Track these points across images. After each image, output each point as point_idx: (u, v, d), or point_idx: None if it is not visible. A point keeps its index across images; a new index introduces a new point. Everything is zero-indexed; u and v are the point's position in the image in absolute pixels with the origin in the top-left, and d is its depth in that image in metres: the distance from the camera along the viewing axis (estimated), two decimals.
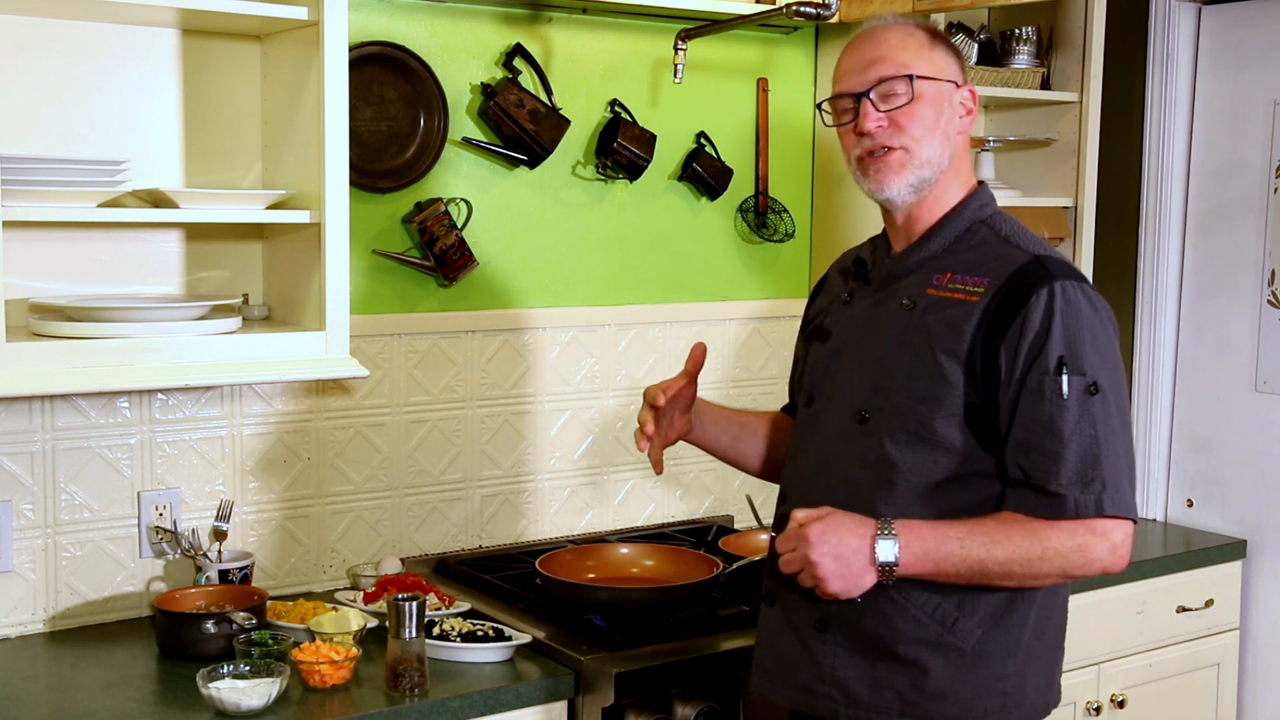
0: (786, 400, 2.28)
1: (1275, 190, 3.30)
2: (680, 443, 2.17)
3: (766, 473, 2.24)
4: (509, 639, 2.31)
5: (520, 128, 2.76)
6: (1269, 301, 3.31)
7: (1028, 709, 1.94)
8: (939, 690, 1.87)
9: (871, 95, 1.90)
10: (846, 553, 1.78)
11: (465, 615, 2.44)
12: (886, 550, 1.78)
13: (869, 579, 1.80)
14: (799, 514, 1.84)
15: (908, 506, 1.85)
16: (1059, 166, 3.40)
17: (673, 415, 2.12)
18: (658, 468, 2.11)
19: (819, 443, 1.97)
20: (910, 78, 1.89)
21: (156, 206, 2.33)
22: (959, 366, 1.82)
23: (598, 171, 2.95)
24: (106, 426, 2.48)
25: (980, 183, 2.00)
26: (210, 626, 2.24)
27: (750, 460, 2.24)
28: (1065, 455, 1.77)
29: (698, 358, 2.09)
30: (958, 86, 1.94)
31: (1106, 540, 1.79)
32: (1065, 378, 1.78)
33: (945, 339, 1.84)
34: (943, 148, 1.92)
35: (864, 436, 1.89)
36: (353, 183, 2.56)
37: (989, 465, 1.85)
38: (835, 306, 2.04)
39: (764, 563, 2.59)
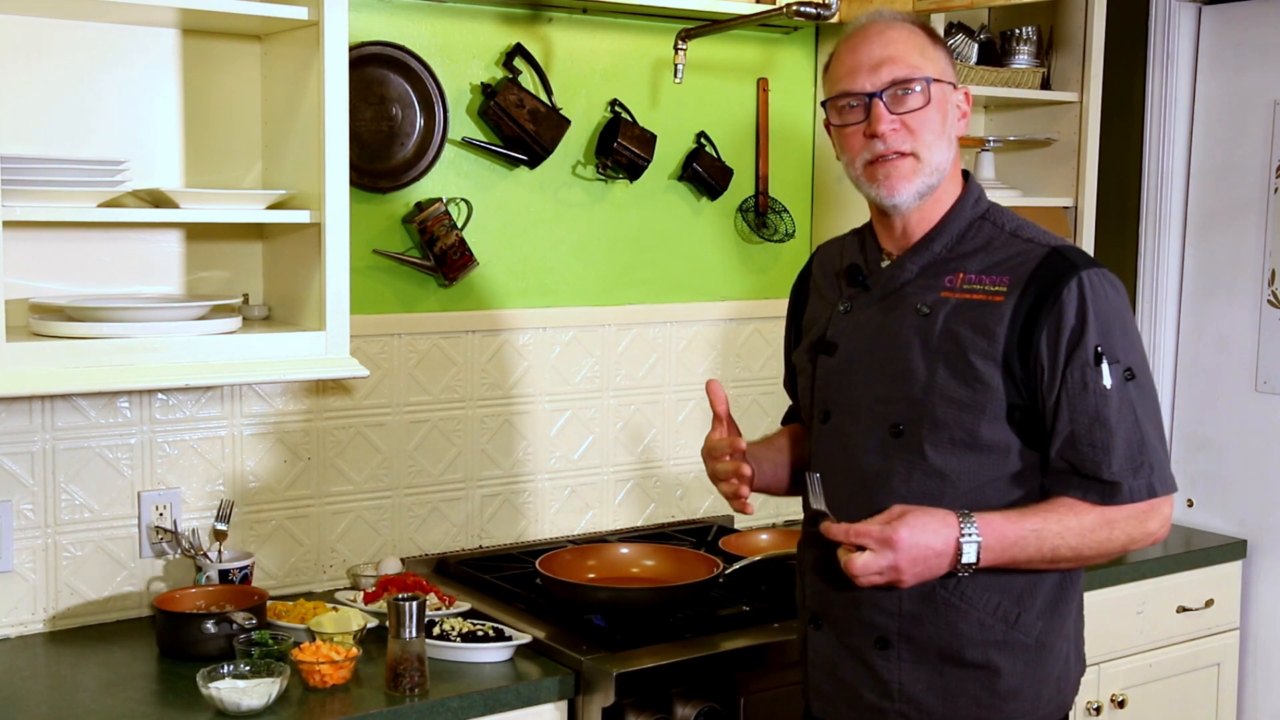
0: (787, 404, 2.26)
1: (1275, 190, 3.30)
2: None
3: (792, 490, 2.21)
4: (509, 639, 2.31)
5: (520, 128, 2.76)
6: (1269, 301, 3.31)
7: (1074, 684, 1.97)
8: (1012, 689, 1.87)
9: (884, 97, 1.86)
10: (931, 555, 1.77)
11: (465, 615, 2.44)
12: (970, 551, 1.78)
13: (942, 573, 1.80)
14: (873, 528, 1.78)
15: (958, 509, 1.83)
16: (1059, 166, 3.40)
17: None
18: (749, 509, 2.05)
19: (849, 459, 1.93)
20: (927, 81, 1.86)
21: (156, 206, 2.33)
22: (997, 369, 1.81)
23: (598, 171, 2.95)
24: (107, 426, 2.48)
25: (965, 174, 1.97)
26: (210, 626, 2.24)
27: (782, 485, 2.19)
28: (1114, 444, 1.79)
29: (722, 397, 2.03)
30: (955, 88, 1.92)
31: (1159, 515, 1.82)
32: (1105, 367, 1.79)
33: (978, 343, 1.82)
34: (948, 152, 1.90)
35: (904, 449, 1.86)
36: (353, 183, 2.56)
37: (1033, 460, 1.85)
38: (835, 316, 1.99)
39: (763, 564, 2.60)
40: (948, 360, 1.83)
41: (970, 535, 1.77)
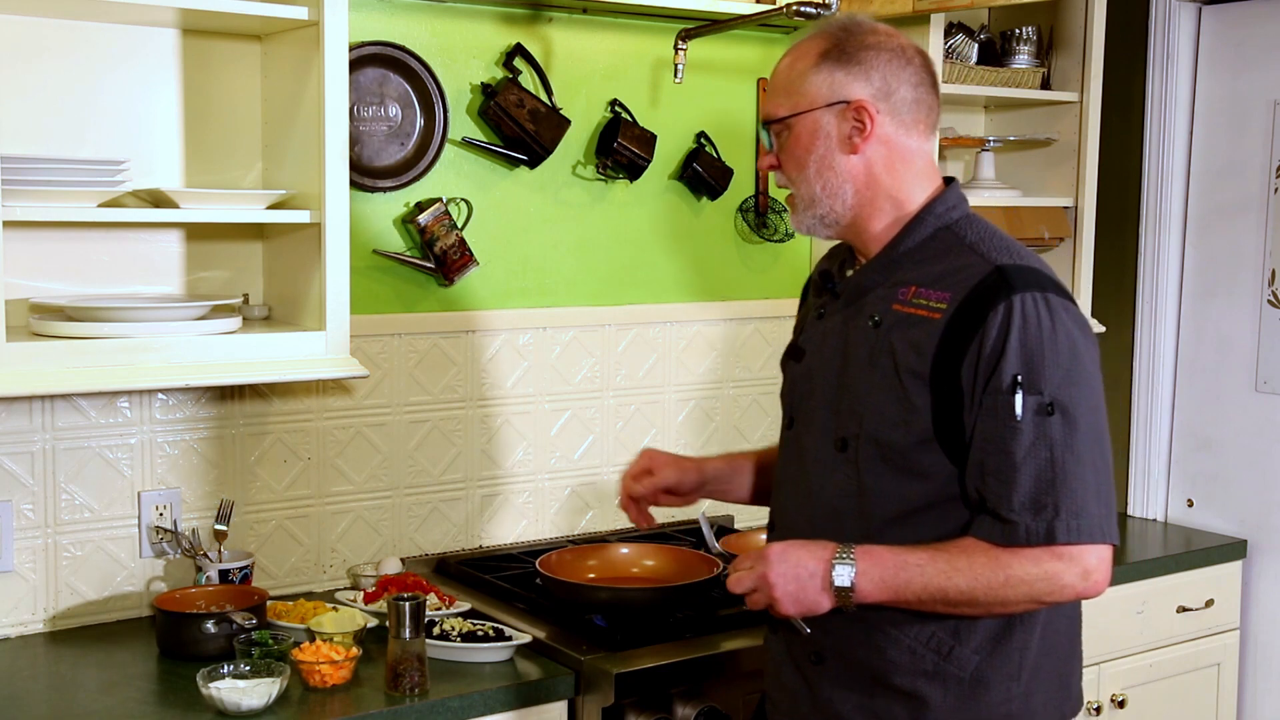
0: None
1: (1275, 190, 3.30)
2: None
3: (755, 500, 2.24)
4: (509, 639, 2.31)
5: (520, 128, 2.76)
6: (1269, 301, 3.31)
7: None
8: None
9: (761, 133, 1.89)
10: (803, 574, 1.74)
11: (465, 615, 2.44)
12: (843, 575, 1.73)
13: (825, 604, 1.75)
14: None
15: (890, 537, 1.78)
16: (1059, 166, 3.40)
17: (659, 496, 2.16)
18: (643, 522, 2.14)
19: (800, 470, 1.91)
20: (783, 120, 1.84)
21: (156, 206, 2.33)
22: (925, 389, 1.74)
23: (598, 171, 2.95)
24: (107, 426, 2.48)
25: (948, 181, 1.89)
26: (210, 626, 2.24)
27: (740, 494, 2.23)
28: (1018, 480, 1.68)
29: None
30: (847, 106, 1.80)
31: (1077, 566, 1.69)
32: (1019, 397, 1.68)
33: (910, 360, 1.76)
34: (824, 180, 1.83)
35: (845, 465, 1.83)
36: (353, 183, 2.56)
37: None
38: (809, 323, 1.97)
39: None
40: (883, 374, 1.78)
41: (845, 558, 1.73)
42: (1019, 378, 1.68)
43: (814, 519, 1.86)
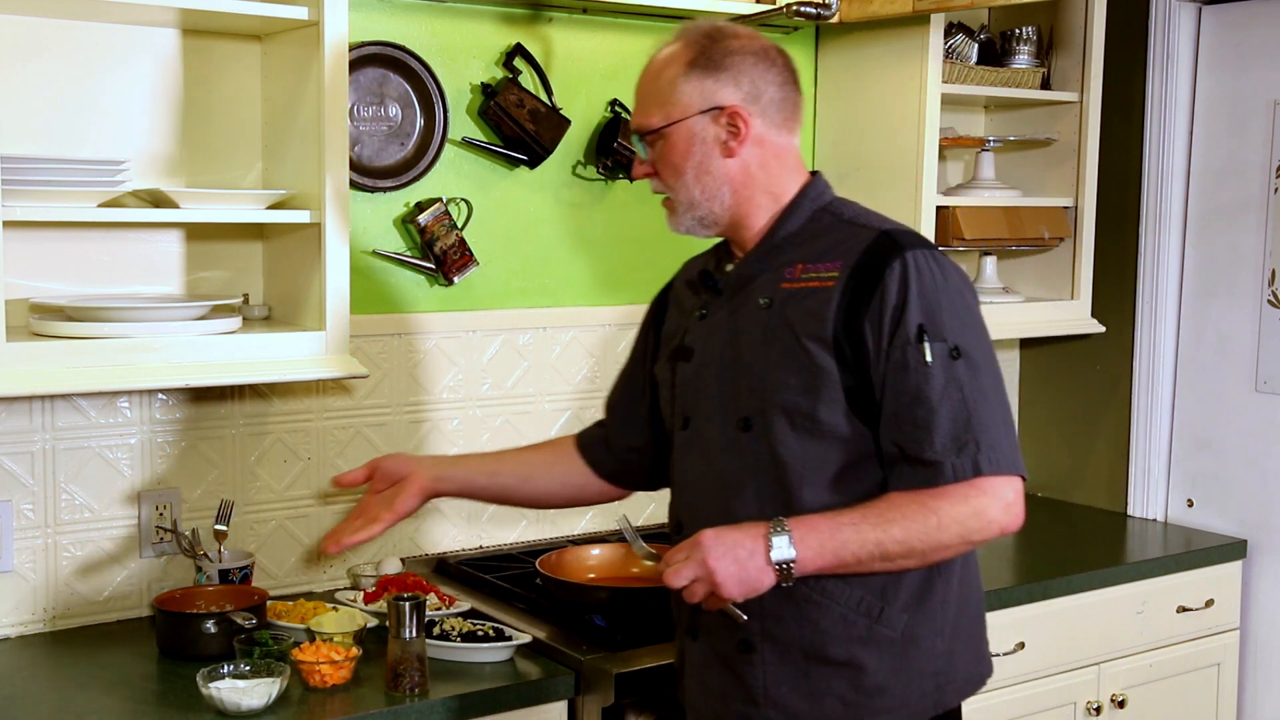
0: (601, 417, 2.26)
1: (1275, 190, 3.30)
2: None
3: (536, 501, 2.26)
4: (509, 639, 2.31)
5: (520, 128, 2.76)
6: (1269, 301, 3.31)
7: (960, 684, 1.91)
8: (878, 685, 1.84)
9: (634, 143, 1.93)
10: (742, 554, 1.74)
11: (465, 615, 2.44)
12: (781, 547, 1.74)
13: (768, 579, 1.75)
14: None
15: (812, 505, 1.81)
16: (1059, 166, 3.40)
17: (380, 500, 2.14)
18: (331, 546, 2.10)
19: (705, 462, 1.92)
20: (655, 131, 1.88)
21: (156, 206, 2.33)
22: (828, 352, 1.80)
23: (598, 171, 2.95)
24: (107, 426, 2.48)
25: (814, 173, 1.96)
26: (210, 626, 2.24)
27: (541, 496, 2.24)
28: (936, 422, 1.75)
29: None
30: (720, 111, 1.85)
31: (999, 500, 1.76)
32: (927, 344, 1.76)
33: (809, 326, 1.81)
34: (703, 184, 1.88)
35: (752, 443, 1.85)
36: (353, 183, 2.56)
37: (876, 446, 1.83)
38: (693, 323, 1.99)
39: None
40: (784, 348, 1.83)
41: (779, 530, 1.75)
42: (923, 326, 1.77)
43: (730, 505, 1.86)
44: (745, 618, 1.81)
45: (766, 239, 1.91)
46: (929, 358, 1.76)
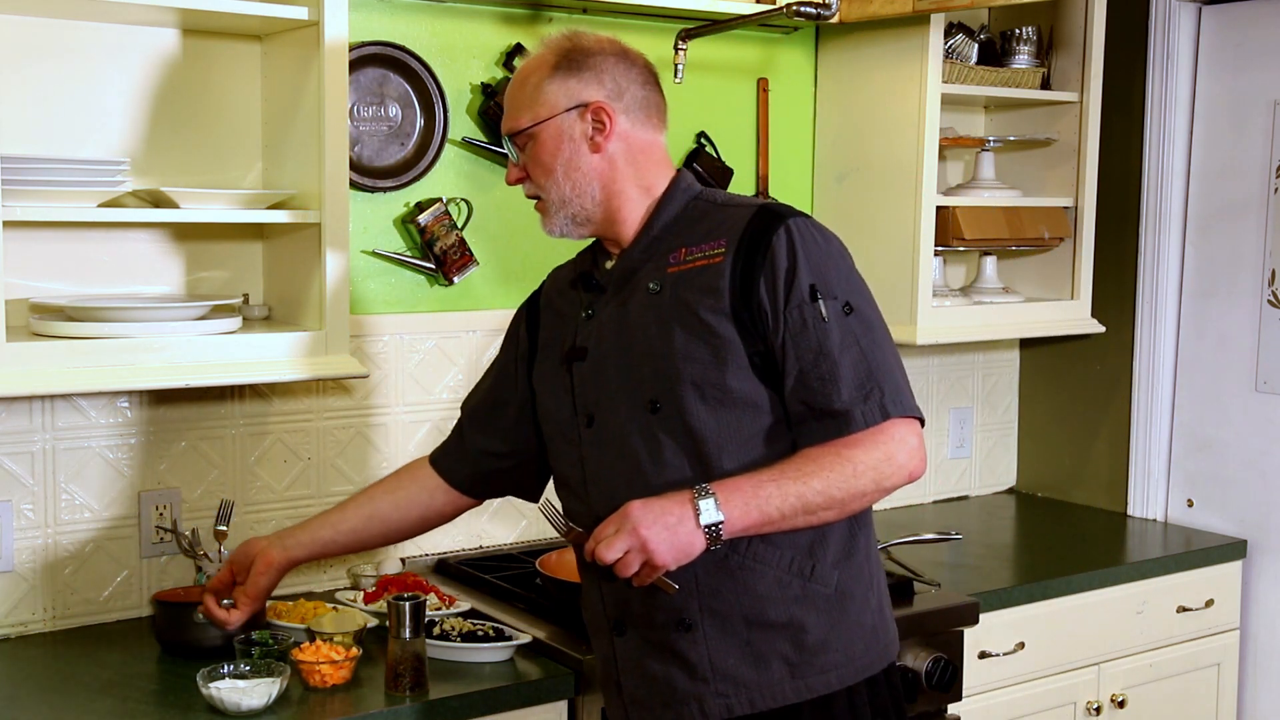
0: (433, 451, 2.26)
1: (1275, 190, 3.30)
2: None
3: (414, 530, 2.24)
4: (509, 639, 2.31)
5: None
6: (1269, 301, 3.31)
7: (890, 639, 1.97)
8: (821, 641, 1.87)
9: (507, 147, 1.99)
10: (671, 520, 1.76)
11: (465, 615, 2.44)
12: (709, 510, 1.76)
13: (698, 544, 1.77)
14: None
15: (734, 473, 1.83)
16: (1059, 166, 3.40)
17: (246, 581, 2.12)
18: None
19: (618, 453, 1.92)
20: (524, 131, 1.94)
21: (156, 206, 2.33)
22: (728, 321, 1.84)
23: None
24: (107, 426, 2.48)
25: (680, 169, 2.01)
26: (203, 615, 2.22)
27: (392, 531, 2.21)
28: (840, 374, 1.81)
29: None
30: (585, 108, 1.93)
31: (904, 445, 1.83)
32: (822, 303, 1.83)
33: (706, 301, 1.86)
34: (572, 181, 1.94)
35: (663, 422, 1.87)
36: (353, 183, 2.56)
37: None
38: (581, 324, 2.01)
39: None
40: (683, 323, 1.87)
41: (703, 494, 1.77)
42: (815, 286, 1.84)
43: (650, 484, 1.86)
44: (676, 587, 1.82)
45: (644, 231, 1.96)
46: (825, 314, 1.83)
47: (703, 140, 3.08)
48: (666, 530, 1.76)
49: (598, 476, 1.97)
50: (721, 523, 1.77)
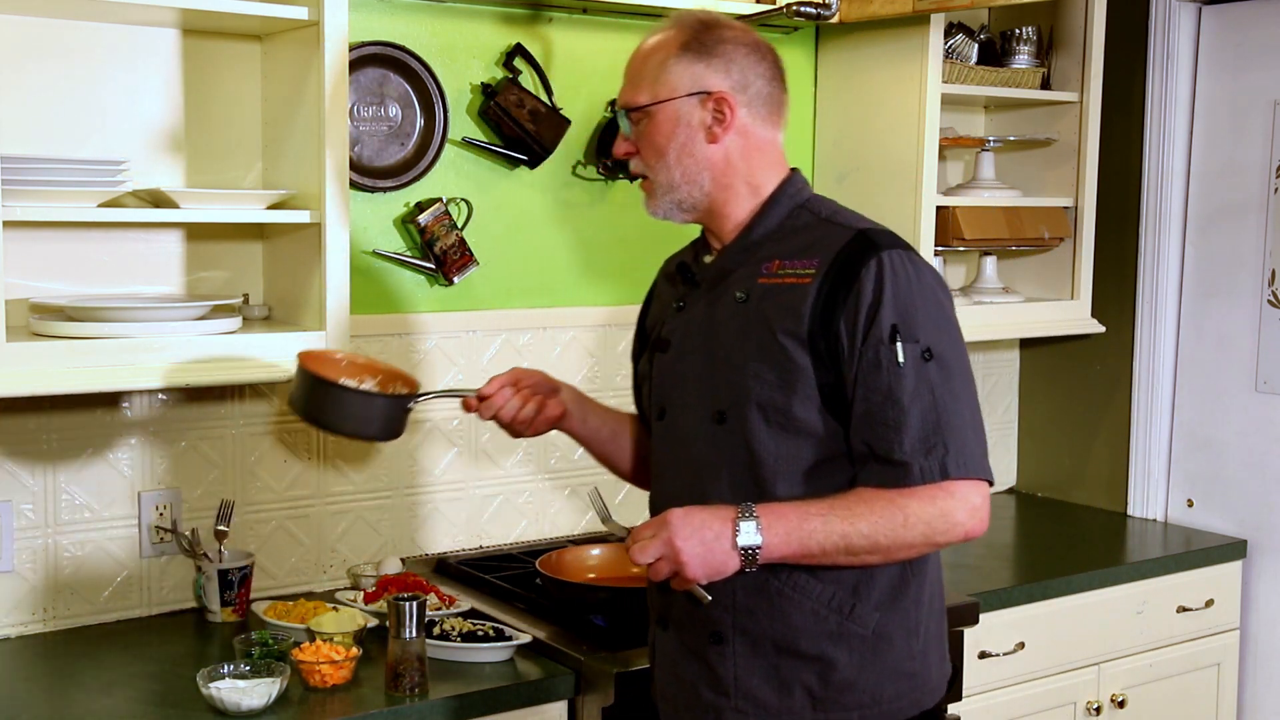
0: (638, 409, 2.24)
1: (1275, 190, 3.30)
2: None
3: (636, 476, 2.20)
4: (509, 639, 2.31)
5: (520, 128, 2.76)
6: (1269, 301, 3.31)
7: (933, 687, 1.92)
8: (847, 680, 1.84)
9: (621, 120, 1.93)
10: (709, 536, 1.75)
11: (465, 615, 2.44)
12: (749, 533, 1.74)
13: (732, 564, 1.76)
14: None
15: (785, 498, 1.82)
16: (1059, 166, 3.40)
17: (533, 398, 2.05)
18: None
19: (682, 452, 1.93)
20: (642, 108, 1.89)
21: (156, 206, 2.33)
22: (803, 349, 1.81)
23: (598, 171, 2.95)
24: (106, 426, 2.48)
25: (793, 170, 1.97)
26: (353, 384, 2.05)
27: (623, 458, 2.19)
28: (906, 423, 1.76)
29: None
30: (708, 96, 1.87)
31: (965, 503, 1.77)
32: (900, 345, 1.77)
33: (785, 322, 1.82)
34: (684, 167, 1.89)
35: (727, 436, 1.86)
36: (353, 183, 2.56)
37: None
38: (670, 315, 2.00)
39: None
40: (760, 342, 1.84)
41: (747, 516, 1.75)
42: (896, 327, 1.77)
43: (705, 494, 1.87)
44: (710, 598, 1.81)
45: (744, 233, 1.92)
46: (901, 358, 1.77)
47: None
48: (701, 545, 1.75)
49: (662, 470, 1.99)
50: (759, 547, 1.75)
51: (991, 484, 1.82)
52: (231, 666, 2.11)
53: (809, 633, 1.84)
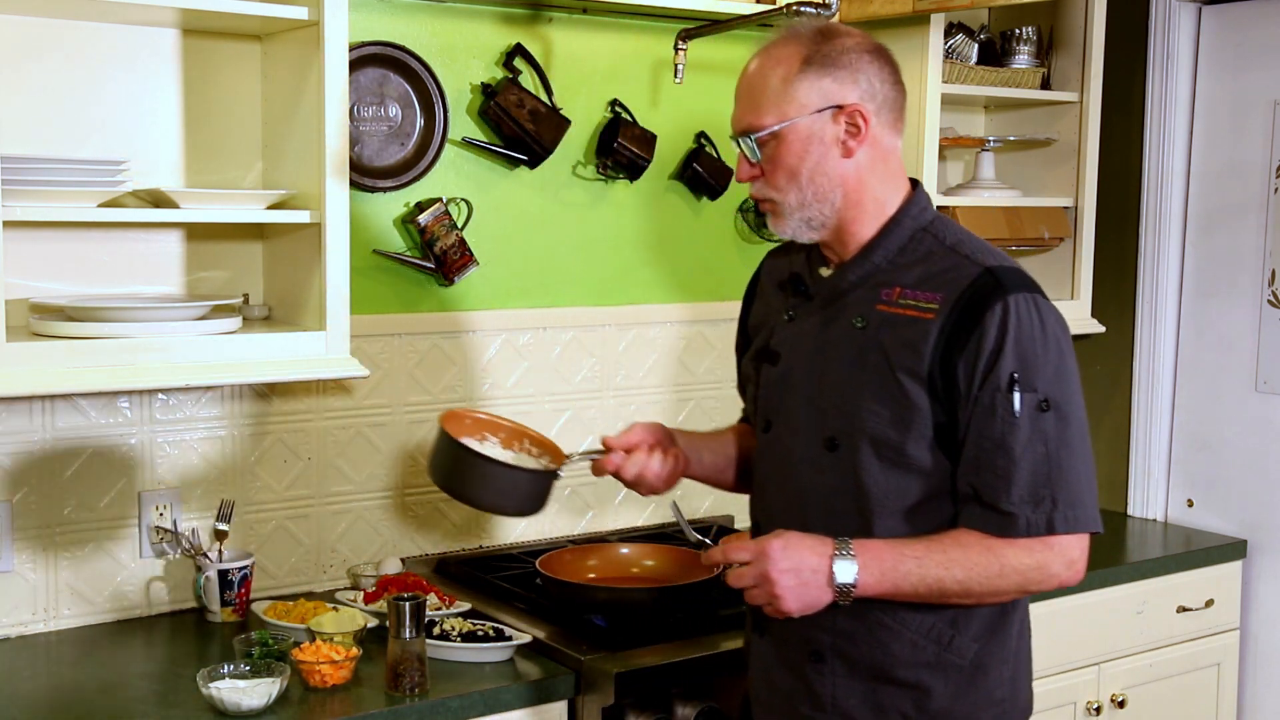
0: (741, 410, 2.24)
1: (1275, 190, 3.30)
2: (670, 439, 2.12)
3: (739, 486, 2.19)
4: (509, 639, 2.31)
5: (520, 128, 2.76)
6: (1269, 301, 3.31)
7: (1021, 710, 1.94)
8: (943, 709, 1.85)
9: (741, 144, 1.87)
10: (805, 570, 1.76)
11: (465, 615, 2.44)
12: (845, 571, 1.75)
13: (826, 599, 1.77)
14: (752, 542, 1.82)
15: (885, 532, 1.82)
16: (1059, 166, 3.40)
17: (658, 456, 2.05)
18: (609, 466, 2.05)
19: (786, 471, 1.92)
20: (770, 131, 1.82)
21: (157, 206, 2.33)
22: (922, 388, 1.78)
23: (598, 171, 2.95)
24: (107, 426, 2.48)
25: (914, 183, 1.93)
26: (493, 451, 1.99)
27: (729, 479, 2.18)
28: (1016, 474, 1.74)
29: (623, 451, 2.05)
30: (840, 110, 1.82)
31: (1064, 556, 1.77)
32: (1017, 395, 1.74)
33: (905, 359, 1.79)
34: (816, 185, 1.83)
35: (835, 464, 1.85)
36: (353, 183, 2.56)
37: None
38: (779, 325, 1.98)
39: None
40: (877, 376, 1.81)
41: (844, 553, 1.76)
42: (1015, 375, 1.74)
43: (806, 519, 1.87)
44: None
45: (865, 253, 1.88)
46: (1017, 408, 1.74)
47: (703, 140, 3.08)
48: (798, 580, 1.76)
49: (764, 484, 1.98)
50: (854, 585, 1.76)
51: (1096, 534, 1.80)
52: (231, 666, 2.11)
53: (906, 661, 1.84)
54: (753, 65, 1.87)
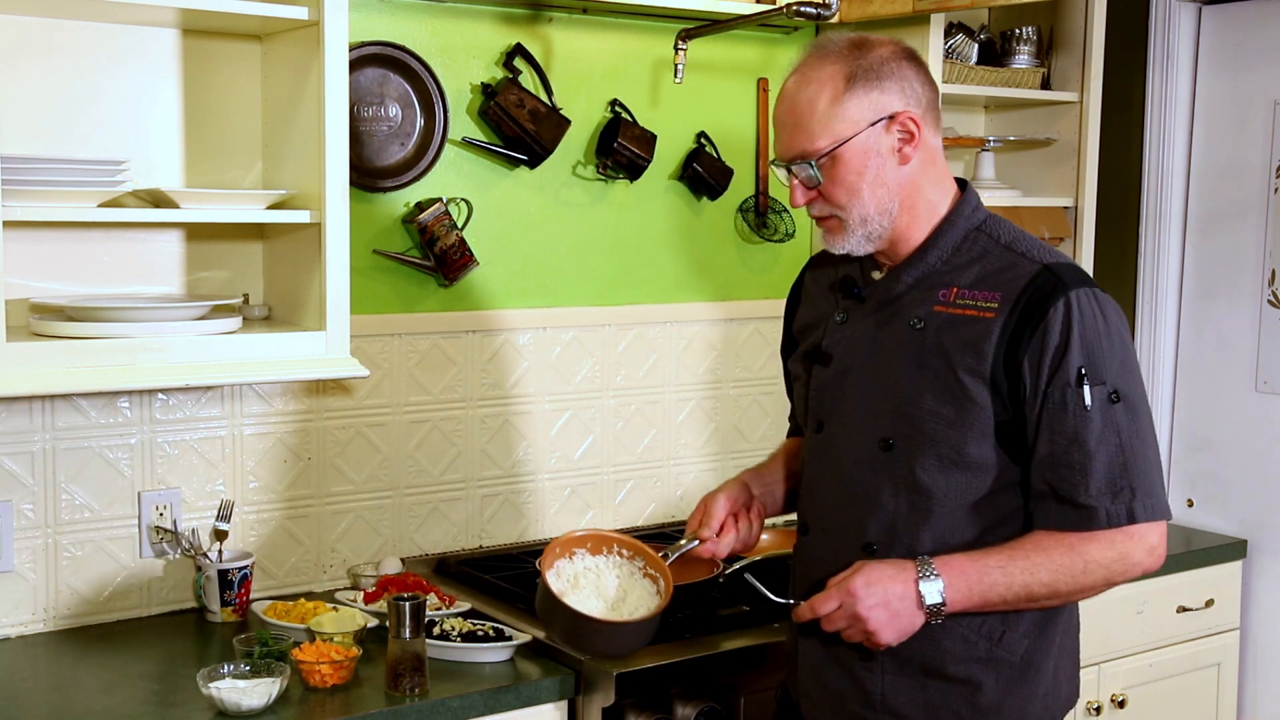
0: (789, 423, 2.24)
1: (1275, 190, 3.30)
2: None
3: (786, 508, 2.19)
4: (509, 639, 2.31)
5: (520, 128, 2.76)
6: (1269, 301, 3.31)
7: (1063, 702, 1.96)
8: (993, 704, 1.86)
9: (793, 169, 1.86)
10: (893, 600, 1.77)
11: (465, 615, 2.44)
12: (932, 592, 1.77)
13: (918, 622, 1.79)
14: (831, 582, 1.83)
15: (947, 531, 1.83)
16: (1059, 166, 3.40)
17: (744, 524, 2.05)
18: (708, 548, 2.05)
19: (838, 471, 1.93)
20: (826, 153, 1.82)
21: (156, 206, 2.33)
22: (984, 386, 1.79)
23: (598, 171, 2.95)
24: (107, 426, 2.48)
25: (962, 183, 1.95)
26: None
27: (777, 507, 2.17)
28: (1093, 467, 1.76)
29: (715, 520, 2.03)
30: (891, 120, 1.83)
31: (1144, 544, 1.79)
32: (1087, 389, 1.76)
33: (966, 359, 1.80)
34: (878, 198, 1.85)
35: (892, 464, 1.86)
36: (353, 183, 2.56)
37: (1018, 475, 1.84)
38: (830, 327, 1.98)
39: (763, 563, 2.60)
40: (937, 376, 1.82)
41: (928, 575, 1.77)
42: (1083, 370, 1.76)
43: (861, 521, 1.88)
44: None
45: (919, 255, 1.89)
46: (1088, 402, 1.76)
47: (703, 140, 3.08)
48: (889, 612, 1.78)
49: (814, 484, 1.98)
50: (944, 604, 1.78)
51: (1169, 519, 1.83)
52: (231, 666, 2.11)
53: (958, 657, 1.86)
54: (793, 90, 1.86)
